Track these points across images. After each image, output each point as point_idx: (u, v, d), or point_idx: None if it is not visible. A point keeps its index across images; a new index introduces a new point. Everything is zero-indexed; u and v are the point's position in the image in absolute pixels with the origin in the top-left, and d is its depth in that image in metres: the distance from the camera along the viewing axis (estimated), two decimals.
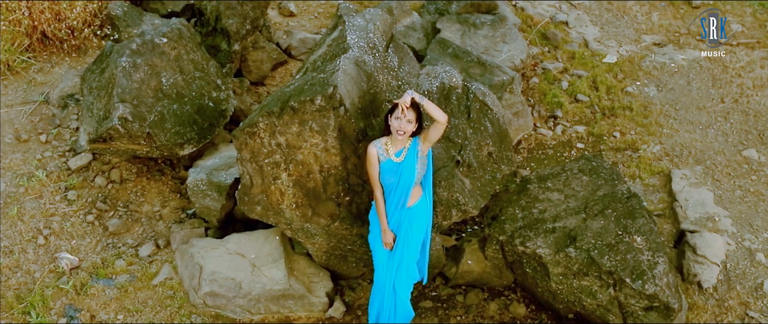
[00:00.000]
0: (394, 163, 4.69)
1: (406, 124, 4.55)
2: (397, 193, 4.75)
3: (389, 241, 4.83)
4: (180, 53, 6.43)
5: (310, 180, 5.15)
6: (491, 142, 5.27)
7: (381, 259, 5.01)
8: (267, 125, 4.94)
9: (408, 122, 4.55)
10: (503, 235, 5.31)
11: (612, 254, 4.93)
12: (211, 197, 5.93)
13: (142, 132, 5.84)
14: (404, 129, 4.55)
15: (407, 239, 4.88)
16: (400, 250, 4.89)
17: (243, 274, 5.48)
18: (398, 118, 4.56)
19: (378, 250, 5.00)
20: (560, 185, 5.56)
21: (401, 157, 4.69)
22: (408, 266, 4.96)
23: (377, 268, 5.05)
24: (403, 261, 4.92)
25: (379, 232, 4.93)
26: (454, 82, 5.16)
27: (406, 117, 4.53)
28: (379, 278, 5.06)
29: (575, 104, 7.82)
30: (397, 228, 4.84)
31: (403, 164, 4.69)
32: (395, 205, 4.80)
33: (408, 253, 4.92)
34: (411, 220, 4.85)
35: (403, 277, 4.97)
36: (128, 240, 6.03)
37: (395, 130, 4.58)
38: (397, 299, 5.01)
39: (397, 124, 4.57)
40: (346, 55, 4.89)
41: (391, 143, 4.69)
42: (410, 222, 4.85)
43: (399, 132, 4.57)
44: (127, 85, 5.95)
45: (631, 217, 5.15)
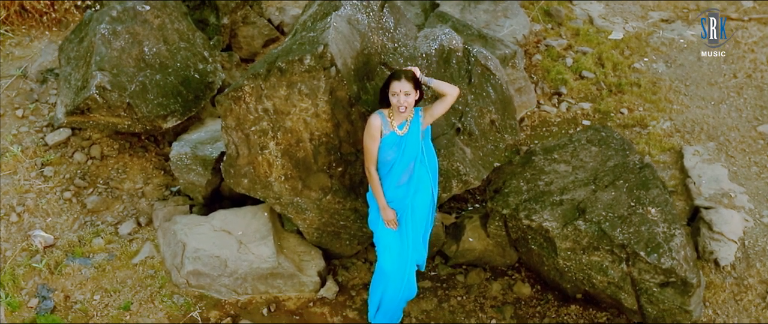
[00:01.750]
0: (396, 136, 4.32)
1: (405, 98, 4.19)
2: (399, 169, 4.38)
3: (390, 218, 4.46)
4: (164, 22, 6.08)
5: (300, 149, 4.79)
6: (494, 110, 4.91)
7: (388, 243, 4.62)
8: (253, 89, 4.58)
9: (405, 95, 4.19)
10: (507, 209, 4.95)
11: (624, 226, 4.58)
12: (196, 172, 5.58)
13: (121, 102, 5.48)
14: (405, 103, 4.19)
15: (416, 206, 4.52)
16: (411, 223, 4.52)
17: (229, 251, 5.12)
18: (395, 95, 4.20)
19: (383, 233, 4.61)
20: (567, 156, 5.21)
21: (404, 129, 4.33)
22: (422, 234, 4.63)
23: (383, 254, 4.66)
24: (418, 230, 4.57)
25: (379, 212, 4.55)
26: (454, 45, 4.81)
27: (403, 90, 4.18)
28: (385, 264, 4.67)
29: (580, 81, 7.47)
30: (401, 203, 4.47)
31: (406, 138, 4.33)
32: (396, 182, 4.43)
33: (420, 221, 4.57)
34: (417, 190, 4.49)
35: (421, 246, 4.64)
36: (108, 218, 5.67)
37: (396, 106, 4.22)
38: (409, 276, 4.65)
39: (395, 100, 4.20)
40: (338, 13, 4.54)
41: (394, 115, 4.32)
42: (417, 192, 4.49)
43: (400, 108, 4.21)
44: (107, 53, 5.60)
45: (644, 188, 4.79)
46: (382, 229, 4.60)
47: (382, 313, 4.85)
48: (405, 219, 4.50)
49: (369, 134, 4.29)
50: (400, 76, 4.16)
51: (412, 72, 4.20)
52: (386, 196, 4.44)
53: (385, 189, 4.43)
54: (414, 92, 4.19)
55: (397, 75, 4.17)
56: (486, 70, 4.92)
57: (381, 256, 4.67)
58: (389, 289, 4.67)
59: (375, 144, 4.29)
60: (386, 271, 4.63)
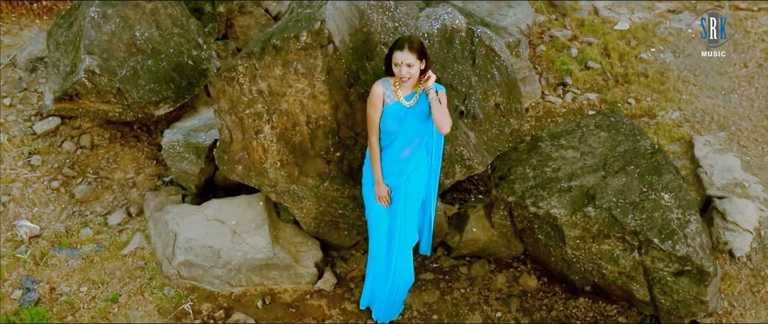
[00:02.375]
0: (402, 107, 4.10)
1: (407, 69, 3.96)
2: (401, 142, 4.16)
3: (383, 194, 4.24)
4: (157, 7, 5.87)
5: (296, 133, 4.58)
6: (499, 92, 4.70)
7: (377, 220, 4.41)
8: (247, 69, 4.37)
9: (408, 67, 3.96)
10: (512, 196, 4.73)
11: (637, 213, 4.36)
12: (189, 160, 5.36)
13: (111, 87, 5.27)
14: (407, 74, 3.97)
15: (410, 187, 4.30)
16: (402, 202, 4.30)
17: (222, 241, 4.90)
18: (397, 65, 3.98)
19: (374, 209, 4.40)
20: (575, 142, 5.00)
21: (412, 101, 4.10)
22: (413, 216, 4.40)
23: (372, 231, 4.47)
24: (408, 211, 4.34)
25: (372, 186, 4.34)
26: (457, 25, 4.60)
27: (405, 61, 3.95)
28: (372, 242, 4.48)
29: (586, 71, 7.27)
30: (395, 179, 4.25)
31: (412, 111, 4.10)
32: (397, 155, 4.21)
33: (413, 202, 4.35)
34: (415, 170, 4.27)
35: (410, 229, 4.40)
36: (97, 208, 5.46)
37: (398, 77, 4.00)
38: (399, 259, 4.42)
39: (396, 71, 3.99)
40: None
41: (400, 86, 4.11)
42: (414, 172, 4.27)
43: (402, 78, 3.99)
44: (96, 37, 5.39)
45: (656, 173, 4.58)
46: (373, 204, 4.40)
47: (378, 304, 4.63)
48: (397, 198, 4.28)
49: (370, 102, 4.08)
50: (403, 45, 3.93)
51: (418, 40, 3.98)
52: (384, 169, 4.22)
53: (384, 161, 4.21)
54: (418, 63, 3.96)
55: (399, 44, 3.95)
56: (490, 51, 4.71)
57: (370, 233, 4.48)
58: (379, 271, 4.46)
59: (376, 112, 4.07)
60: (373, 249, 4.43)
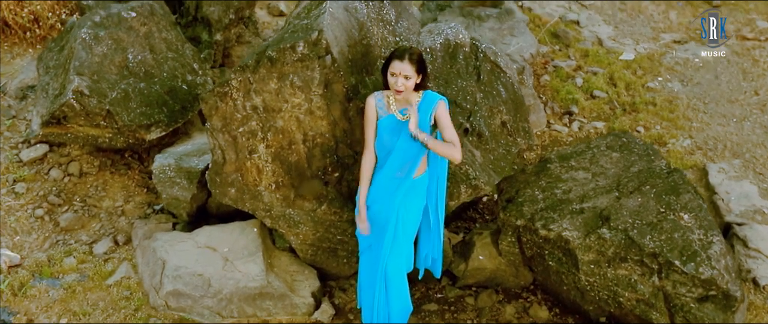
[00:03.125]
0: (396, 120, 3.88)
1: (402, 81, 3.75)
2: (397, 157, 3.92)
3: (362, 224, 4.05)
4: (151, 30, 5.71)
5: (292, 152, 4.34)
6: (505, 110, 4.48)
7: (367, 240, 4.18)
8: (241, 83, 4.16)
9: (405, 78, 3.76)
10: (521, 219, 4.46)
11: (655, 233, 4.09)
12: (180, 186, 5.11)
13: (101, 109, 5.06)
14: (402, 86, 3.76)
15: (403, 215, 4.03)
16: (393, 228, 4.03)
17: (213, 269, 4.61)
18: (394, 75, 3.77)
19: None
20: (586, 163, 4.75)
21: (406, 115, 3.89)
22: (404, 248, 4.11)
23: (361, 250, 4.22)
24: (399, 241, 4.06)
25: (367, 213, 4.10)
26: (460, 39, 4.42)
27: (403, 72, 3.75)
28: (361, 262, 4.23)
29: (592, 100, 7.07)
30: (389, 200, 3.99)
31: (407, 125, 3.88)
32: (392, 174, 3.96)
33: (405, 232, 4.07)
34: (411, 192, 4.01)
35: (397, 260, 4.10)
36: (82, 236, 5.18)
37: (393, 88, 3.79)
38: (390, 288, 4.12)
39: (392, 81, 3.78)
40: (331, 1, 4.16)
41: (395, 98, 3.90)
42: (409, 195, 4.01)
43: (396, 90, 3.78)
44: (87, 59, 5.21)
45: (674, 193, 4.32)
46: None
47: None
48: (387, 223, 4.02)
49: (364, 115, 3.93)
50: (403, 55, 3.73)
51: (419, 53, 3.78)
52: (378, 187, 3.97)
53: (379, 179, 3.96)
54: (415, 76, 3.76)
55: (399, 53, 3.75)
56: (496, 67, 4.51)
57: (360, 252, 4.24)
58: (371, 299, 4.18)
59: (370, 127, 3.90)
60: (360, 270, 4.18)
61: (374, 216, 4.08)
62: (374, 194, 4.05)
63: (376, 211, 4.05)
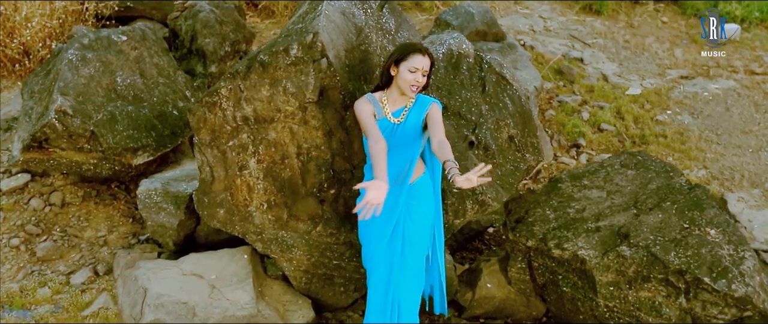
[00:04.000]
0: (390, 123, 3.60)
1: (422, 79, 3.52)
2: (391, 166, 3.61)
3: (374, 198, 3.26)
4: (142, 54, 5.51)
5: (285, 168, 4.05)
6: (512, 123, 4.21)
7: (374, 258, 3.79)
8: (230, 91, 3.90)
9: (423, 76, 3.53)
10: (532, 240, 4.12)
11: (680, 249, 3.74)
12: (167, 211, 4.78)
13: (84, 130, 4.79)
14: (421, 83, 3.52)
15: (410, 226, 3.70)
16: (401, 241, 3.69)
17: (198, 296, 4.24)
18: (415, 71, 3.49)
19: (370, 248, 3.80)
20: (600, 182, 4.45)
21: (400, 117, 3.61)
22: (413, 265, 3.75)
23: (369, 271, 3.84)
24: (407, 256, 3.71)
25: (369, 226, 3.75)
26: (464, 49, 4.19)
27: (424, 68, 3.50)
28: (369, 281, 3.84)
29: (600, 134, 6.81)
30: (391, 211, 3.66)
31: (401, 128, 3.60)
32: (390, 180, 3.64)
33: (412, 246, 3.72)
34: (412, 199, 3.69)
35: (408, 280, 3.73)
36: (60, 267, 4.82)
37: (409, 84, 3.51)
38: (402, 311, 3.75)
39: (412, 78, 3.49)
40: (331, 2, 3.94)
41: (389, 100, 3.63)
42: (411, 202, 3.69)
43: (413, 86, 3.51)
44: (72, 80, 4.97)
45: (697, 208, 4.00)
46: (369, 242, 3.81)
47: None
48: (395, 237, 3.68)
49: (362, 112, 3.55)
50: (424, 50, 3.52)
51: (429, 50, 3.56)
52: None
53: None
54: (428, 74, 3.54)
55: (419, 47, 3.52)
56: (502, 78, 4.27)
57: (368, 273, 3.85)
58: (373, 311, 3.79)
59: (370, 119, 3.52)
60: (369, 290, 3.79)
61: (376, 232, 3.73)
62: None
63: (379, 225, 3.71)
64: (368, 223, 3.75)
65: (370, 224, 3.71)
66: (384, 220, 3.66)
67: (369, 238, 3.76)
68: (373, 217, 3.63)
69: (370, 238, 3.75)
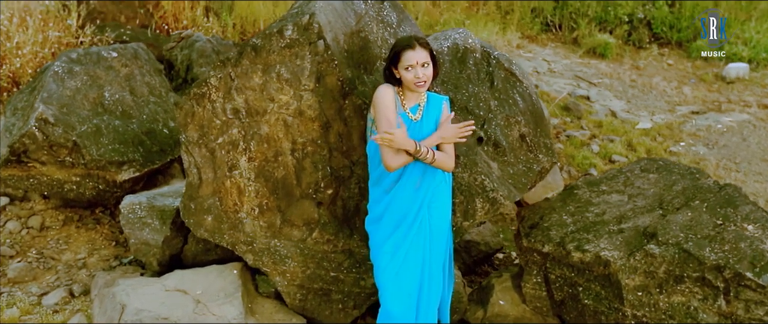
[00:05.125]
0: (409, 120, 3.28)
1: (423, 71, 3.18)
2: (413, 168, 3.27)
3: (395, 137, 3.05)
4: (133, 72, 5.28)
5: (279, 166, 3.73)
6: (523, 121, 3.91)
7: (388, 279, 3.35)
8: (220, 81, 3.63)
9: (423, 67, 3.19)
10: (549, 244, 3.75)
11: (715, 245, 3.37)
12: (152, 227, 4.42)
13: (66, 140, 4.50)
14: (424, 77, 3.19)
15: (432, 234, 3.35)
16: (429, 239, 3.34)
17: (181, 312, 3.83)
18: (411, 68, 3.18)
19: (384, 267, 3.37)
20: (620, 186, 4.11)
21: (417, 114, 3.31)
22: (435, 281, 3.38)
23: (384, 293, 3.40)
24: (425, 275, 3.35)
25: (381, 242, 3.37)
26: (470, 44, 3.94)
27: (420, 60, 3.18)
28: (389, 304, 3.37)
29: (611, 165, 6.51)
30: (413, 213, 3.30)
31: (420, 125, 3.30)
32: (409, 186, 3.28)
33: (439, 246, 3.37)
34: (434, 200, 3.34)
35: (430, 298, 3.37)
36: (32, 288, 4.41)
37: (413, 82, 3.20)
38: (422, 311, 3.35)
39: (411, 75, 3.18)
40: None
41: (404, 95, 3.33)
42: (433, 207, 3.34)
43: (418, 83, 3.20)
44: (57, 91, 4.73)
45: (730, 205, 3.64)
46: (381, 262, 3.38)
47: None
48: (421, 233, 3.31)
49: (380, 103, 3.19)
50: (411, 42, 3.18)
51: (423, 37, 3.28)
52: (397, 198, 3.30)
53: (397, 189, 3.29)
54: (430, 63, 3.23)
55: (406, 42, 3.19)
56: (511, 75, 4.00)
57: (382, 295, 3.39)
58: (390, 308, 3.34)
59: (392, 105, 3.19)
60: (391, 313, 3.33)
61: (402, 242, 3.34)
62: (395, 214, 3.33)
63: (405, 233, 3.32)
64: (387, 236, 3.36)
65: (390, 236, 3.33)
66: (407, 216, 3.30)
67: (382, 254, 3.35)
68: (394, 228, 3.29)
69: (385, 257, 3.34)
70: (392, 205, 3.32)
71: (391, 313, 3.32)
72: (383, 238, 3.36)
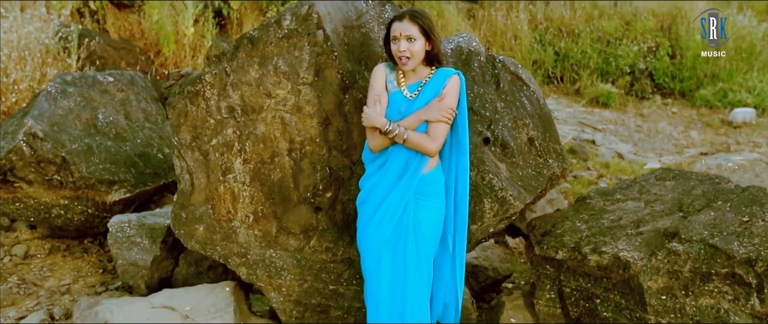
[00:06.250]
0: (403, 98, 3.12)
1: (406, 44, 3.03)
2: (398, 151, 3.10)
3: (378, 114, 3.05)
4: (128, 97, 5.16)
5: (275, 168, 3.53)
6: (532, 124, 3.74)
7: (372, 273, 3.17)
8: (215, 77, 3.49)
9: (408, 40, 3.04)
10: (563, 250, 3.50)
11: (744, 239, 3.13)
12: (141, 247, 4.19)
13: (55, 155, 4.32)
14: (406, 52, 3.04)
15: (420, 221, 3.11)
16: (412, 236, 3.09)
17: None
18: (395, 40, 3.06)
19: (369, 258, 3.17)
20: (635, 194, 3.89)
21: (415, 92, 3.15)
22: (421, 263, 3.12)
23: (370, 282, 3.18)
24: (418, 254, 3.09)
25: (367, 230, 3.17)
26: (474, 47, 3.82)
27: (405, 33, 3.04)
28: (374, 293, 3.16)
29: None
30: (397, 211, 3.09)
31: (415, 103, 3.12)
32: (395, 171, 3.10)
33: (422, 244, 3.11)
34: (422, 193, 3.13)
35: (414, 279, 3.09)
36: (10, 313, 4.12)
37: (396, 57, 3.09)
38: (406, 311, 3.06)
39: (395, 48, 3.08)
40: None
41: (404, 73, 3.18)
42: (420, 197, 3.13)
43: (402, 59, 3.08)
44: (48, 109, 4.59)
45: (756, 204, 3.42)
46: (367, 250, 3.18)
47: None
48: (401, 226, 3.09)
49: (370, 84, 3.14)
50: (403, 14, 3.08)
51: (423, 12, 3.13)
52: (381, 183, 3.11)
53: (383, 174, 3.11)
54: (422, 39, 3.07)
55: (398, 14, 3.10)
56: (517, 78, 3.86)
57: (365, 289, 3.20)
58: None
59: (379, 83, 3.09)
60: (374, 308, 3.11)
61: (378, 225, 3.13)
62: (377, 197, 3.14)
63: (381, 217, 3.12)
64: (368, 219, 3.17)
65: (372, 219, 3.12)
66: (389, 216, 3.09)
67: (369, 237, 3.14)
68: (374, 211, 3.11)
69: (370, 237, 3.13)
70: (375, 189, 3.13)
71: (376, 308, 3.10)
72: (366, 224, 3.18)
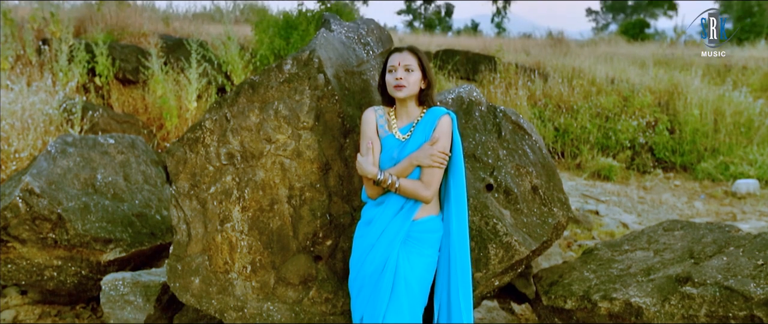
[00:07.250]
0: (396, 141, 3.09)
1: (404, 74, 3.01)
2: (394, 195, 3.04)
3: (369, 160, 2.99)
4: (128, 159, 5.14)
5: (274, 215, 3.46)
6: (535, 172, 3.68)
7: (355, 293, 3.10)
8: (216, 122, 3.47)
9: (406, 71, 3.02)
10: (572, 299, 3.37)
11: (761, 280, 3.01)
12: (134, 305, 4.05)
13: (50, 212, 4.25)
14: (404, 81, 3.01)
15: (406, 267, 2.99)
16: (392, 280, 2.97)
17: None
18: (393, 70, 3.04)
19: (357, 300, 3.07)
20: (644, 244, 3.79)
21: (407, 134, 3.11)
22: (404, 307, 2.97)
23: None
24: (397, 296, 2.96)
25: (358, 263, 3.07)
26: (474, 97, 3.82)
27: (404, 63, 3.03)
28: None
29: None
30: (387, 245, 3.00)
31: (408, 145, 3.08)
32: (390, 211, 3.02)
33: (407, 289, 2.98)
34: (411, 239, 3.02)
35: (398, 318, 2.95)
36: None
37: (392, 85, 3.03)
38: None
39: (391, 78, 3.04)
40: (330, 32, 3.68)
41: (397, 115, 3.16)
42: (409, 243, 3.02)
43: (397, 86, 3.02)
44: (47, 168, 4.56)
45: None
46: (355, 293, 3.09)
47: None
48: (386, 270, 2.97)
49: (361, 131, 3.10)
50: (403, 48, 3.11)
51: (418, 49, 3.14)
52: (376, 222, 3.02)
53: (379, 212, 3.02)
54: (419, 71, 3.06)
55: (398, 47, 3.13)
56: (519, 128, 3.84)
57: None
58: None
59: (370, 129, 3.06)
60: None
61: (370, 265, 3.02)
62: (371, 237, 3.05)
63: (373, 258, 3.01)
64: (360, 263, 3.06)
65: (365, 258, 3.02)
66: (379, 257, 2.99)
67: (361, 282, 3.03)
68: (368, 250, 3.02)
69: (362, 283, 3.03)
70: (373, 223, 3.04)
71: None
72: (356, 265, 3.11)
